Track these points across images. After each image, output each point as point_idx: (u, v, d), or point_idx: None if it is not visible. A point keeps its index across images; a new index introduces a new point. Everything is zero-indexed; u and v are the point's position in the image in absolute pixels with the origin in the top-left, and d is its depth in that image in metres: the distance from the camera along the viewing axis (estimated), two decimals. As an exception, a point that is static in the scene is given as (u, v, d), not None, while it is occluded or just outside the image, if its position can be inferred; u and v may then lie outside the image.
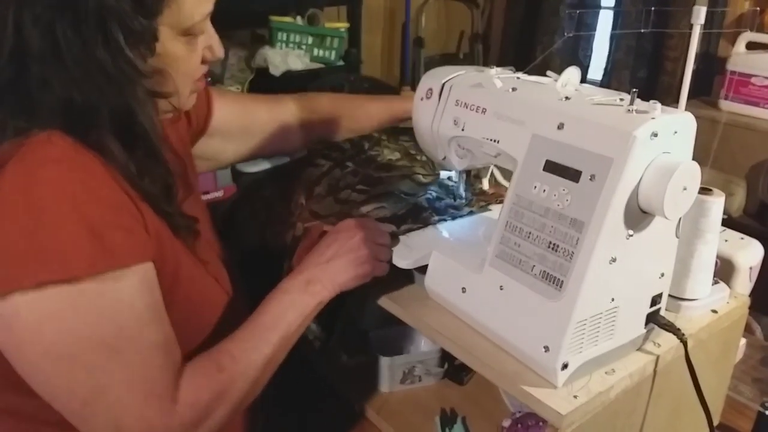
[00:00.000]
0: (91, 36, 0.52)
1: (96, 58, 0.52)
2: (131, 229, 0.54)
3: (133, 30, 0.53)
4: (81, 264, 0.49)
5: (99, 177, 0.53)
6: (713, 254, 0.68)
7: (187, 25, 0.57)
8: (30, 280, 0.48)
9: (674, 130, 0.53)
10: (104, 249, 0.50)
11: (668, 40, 1.89)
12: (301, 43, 1.95)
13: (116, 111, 0.55)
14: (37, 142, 0.51)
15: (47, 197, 0.50)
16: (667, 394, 0.64)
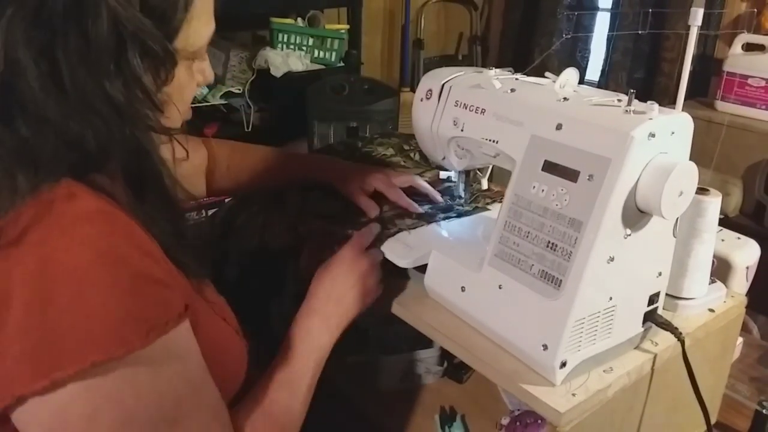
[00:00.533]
0: (100, 61, 0.43)
1: (104, 88, 0.44)
2: (167, 282, 0.48)
3: (153, 53, 0.45)
4: (133, 335, 0.43)
5: (130, 225, 0.46)
6: (710, 254, 0.69)
7: (196, 47, 0.51)
8: (79, 363, 0.40)
9: (671, 130, 0.53)
10: (154, 312, 0.44)
11: (665, 41, 1.90)
12: (302, 44, 1.96)
13: (126, 151, 0.47)
14: (61, 199, 0.43)
15: (87, 263, 0.42)
16: (664, 393, 0.64)
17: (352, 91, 1.85)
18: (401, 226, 0.73)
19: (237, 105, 1.80)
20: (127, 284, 0.43)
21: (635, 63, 2.02)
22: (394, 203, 0.77)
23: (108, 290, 0.42)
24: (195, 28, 0.50)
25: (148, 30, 0.45)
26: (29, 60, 0.42)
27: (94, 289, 0.42)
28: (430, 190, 0.80)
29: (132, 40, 0.44)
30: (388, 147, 0.97)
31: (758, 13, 1.73)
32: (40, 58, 0.42)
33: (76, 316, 0.41)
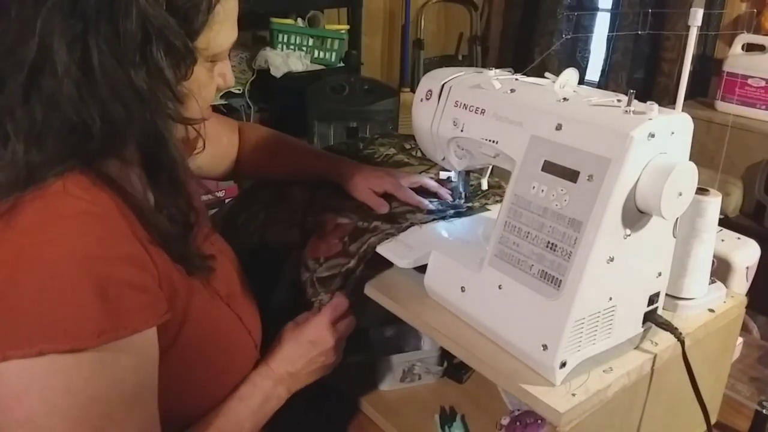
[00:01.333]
0: (129, 52, 0.47)
1: (129, 77, 0.48)
2: (145, 287, 0.50)
3: (176, 50, 0.49)
4: (88, 333, 0.45)
5: (115, 229, 0.50)
6: (710, 254, 0.69)
7: (216, 51, 0.55)
8: (30, 348, 0.44)
9: (671, 130, 0.53)
10: (115, 316, 0.47)
11: (665, 41, 1.90)
12: (302, 44, 1.96)
13: (144, 136, 0.51)
14: (51, 194, 0.47)
15: (58, 259, 0.46)
16: (664, 393, 0.64)
17: (352, 91, 1.85)
18: (413, 220, 0.74)
19: (237, 105, 1.80)
20: (89, 286, 0.46)
21: (635, 63, 2.03)
22: (404, 202, 0.77)
23: (70, 288, 0.45)
24: (216, 32, 0.54)
25: (171, 27, 0.49)
26: (63, 46, 0.46)
27: (57, 285, 0.45)
28: (439, 188, 0.80)
29: (157, 35, 0.48)
30: (390, 147, 0.97)
31: (758, 13, 1.73)
32: (73, 45, 0.46)
33: (37, 305, 0.44)
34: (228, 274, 0.68)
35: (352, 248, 0.71)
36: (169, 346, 0.55)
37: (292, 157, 0.87)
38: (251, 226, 0.84)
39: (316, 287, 0.71)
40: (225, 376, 0.64)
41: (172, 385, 0.56)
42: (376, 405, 0.81)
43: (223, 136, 0.85)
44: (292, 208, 0.82)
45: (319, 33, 1.99)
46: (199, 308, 0.59)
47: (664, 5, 1.88)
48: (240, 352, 0.66)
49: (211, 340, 0.61)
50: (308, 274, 0.73)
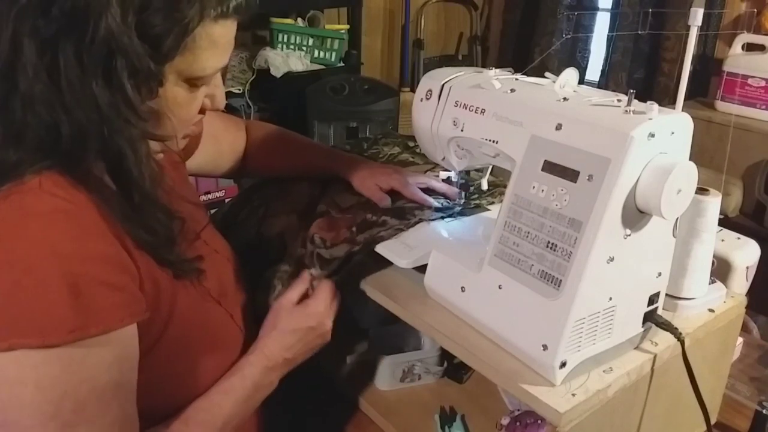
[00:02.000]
0: (93, 65, 0.47)
1: (91, 89, 0.48)
2: (120, 286, 0.50)
3: (139, 71, 0.49)
4: (59, 330, 0.46)
5: (89, 228, 0.50)
6: (710, 254, 0.69)
7: (196, 75, 0.54)
8: (1, 343, 0.45)
9: (671, 130, 0.53)
10: (87, 313, 0.47)
11: (665, 41, 1.90)
12: (302, 44, 1.96)
13: (106, 147, 0.50)
14: (27, 191, 0.48)
15: (31, 255, 0.46)
16: (664, 393, 0.64)
17: (352, 91, 1.85)
18: (421, 216, 0.74)
19: (237, 105, 1.80)
20: (61, 283, 0.46)
21: (635, 63, 2.03)
22: (410, 200, 0.78)
23: (42, 285, 0.46)
24: (197, 56, 0.52)
25: (135, 49, 0.48)
26: (32, 48, 0.47)
27: (29, 281, 0.46)
28: (446, 188, 0.80)
29: (121, 54, 0.48)
30: (394, 146, 0.97)
31: (758, 13, 1.73)
32: (43, 48, 0.47)
33: (8, 301, 0.45)
34: (221, 273, 0.68)
35: (359, 238, 0.72)
36: (154, 344, 0.55)
37: (300, 154, 0.87)
38: (251, 220, 0.84)
39: (314, 261, 0.71)
40: (215, 373, 0.64)
41: (159, 383, 0.56)
42: (376, 405, 0.81)
43: (228, 135, 0.86)
44: (295, 200, 0.82)
45: (319, 33, 1.99)
46: (186, 307, 0.59)
47: (664, 5, 1.88)
48: (231, 350, 0.66)
49: (199, 338, 0.61)
50: (312, 247, 0.73)
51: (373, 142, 1.01)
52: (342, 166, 0.83)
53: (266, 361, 0.65)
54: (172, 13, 0.49)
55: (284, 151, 0.88)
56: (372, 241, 0.71)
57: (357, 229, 0.73)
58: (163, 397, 0.58)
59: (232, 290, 0.69)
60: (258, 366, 0.65)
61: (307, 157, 0.87)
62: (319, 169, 0.85)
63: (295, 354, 0.67)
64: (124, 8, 0.47)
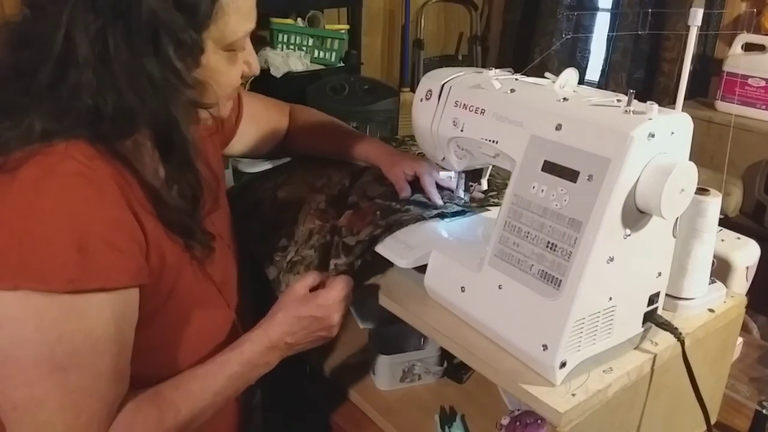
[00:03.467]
0: (142, 45, 0.53)
1: (144, 67, 0.53)
2: (126, 251, 0.54)
3: (182, 42, 0.54)
4: (59, 278, 0.50)
5: (106, 194, 0.54)
6: (710, 254, 0.69)
7: (230, 40, 0.58)
8: (7, 282, 0.50)
9: (671, 130, 0.53)
10: (88, 268, 0.51)
11: (665, 41, 1.90)
12: (302, 44, 1.96)
13: (157, 119, 0.56)
14: (54, 153, 0.53)
15: (47, 208, 0.51)
16: (664, 393, 0.64)
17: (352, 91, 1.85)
18: (443, 210, 0.76)
19: (237, 105, 1.80)
20: (69, 238, 0.51)
21: (635, 63, 2.02)
22: (422, 188, 0.79)
23: (51, 237, 0.51)
24: (226, 22, 0.57)
25: (177, 22, 0.53)
26: (84, 40, 0.51)
27: (40, 232, 0.50)
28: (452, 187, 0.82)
29: (164, 29, 0.53)
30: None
31: (758, 13, 1.73)
32: (95, 39, 0.52)
33: (19, 247, 0.50)
34: (225, 262, 0.70)
35: (381, 222, 0.73)
36: (151, 316, 0.58)
37: (339, 139, 0.92)
38: (269, 183, 0.89)
39: (339, 251, 0.73)
40: (202, 356, 0.64)
41: (149, 354, 0.59)
42: (376, 405, 0.81)
43: (269, 118, 0.91)
44: (315, 176, 0.85)
45: (319, 33, 1.99)
46: (188, 288, 0.62)
47: (664, 5, 1.88)
48: (223, 338, 0.67)
49: (196, 321, 0.64)
50: (338, 239, 0.74)
51: (401, 143, 1.04)
52: (375, 152, 0.87)
53: (267, 341, 0.66)
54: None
55: (324, 135, 0.93)
56: (394, 223, 0.73)
57: (381, 214, 0.75)
58: (151, 367, 0.60)
59: (231, 281, 0.70)
60: (258, 345, 0.65)
61: (345, 142, 0.91)
62: (353, 153, 0.90)
63: (297, 340, 0.67)
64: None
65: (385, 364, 0.83)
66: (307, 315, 0.67)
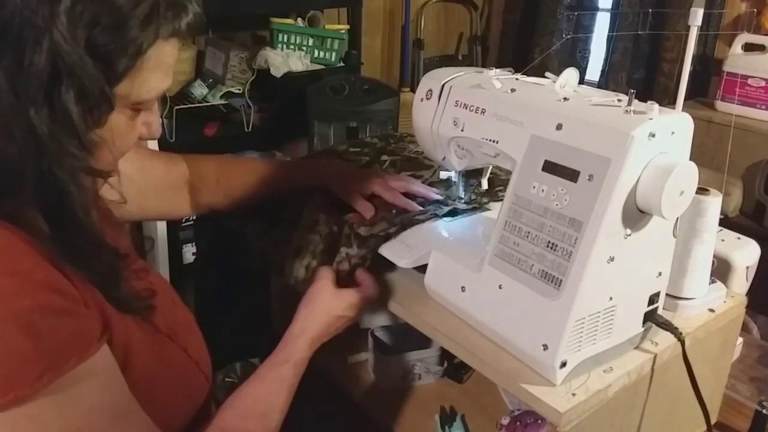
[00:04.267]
0: (32, 89, 0.42)
1: (29, 117, 0.42)
2: (75, 311, 0.45)
3: (89, 94, 0.44)
4: (25, 378, 0.41)
5: (21, 258, 0.44)
6: (710, 254, 0.69)
7: (142, 98, 0.49)
8: None
9: (671, 130, 0.53)
10: (50, 352, 0.42)
11: (665, 41, 1.90)
12: (302, 44, 1.96)
13: (43, 188, 0.44)
14: None
15: None
16: (664, 393, 0.64)
17: (352, 91, 1.84)
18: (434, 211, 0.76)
19: (237, 105, 1.80)
20: (13, 329, 0.41)
21: (635, 63, 2.02)
22: (391, 205, 0.77)
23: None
24: (145, 79, 0.48)
25: (87, 69, 0.43)
26: None
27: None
28: (424, 191, 0.80)
29: (68, 74, 0.43)
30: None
31: (758, 13, 1.72)
32: None
33: None
34: (165, 308, 0.61)
35: (396, 219, 0.74)
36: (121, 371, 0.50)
37: (269, 174, 0.80)
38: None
39: (351, 241, 0.72)
40: (174, 408, 0.58)
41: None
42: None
43: (170, 174, 0.78)
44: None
45: (319, 33, 1.99)
46: (141, 341, 0.53)
47: (664, 5, 1.88)
48: (190, 383, 0.61)
49: (162, 372, 0.56)
50: (348, 230, 0.73)
51: (399, 139, 1.03)
52: (319, 176, 0.79)
53: (312, 344, 0.65)
54: (126, 31, 0.44)
55: (247, 178, 0.79)
56: (408, 222, 0.73)
57: (396, 212, 0.75)
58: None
59: (181, 324, 0.63)
60: (306, 351, 0.64)
61: (279, 174, 0.80)
62: (296, 183, 0.80)
63: (328, 336, 0.67)
64: (73, 22, 0.42)
65: (385, 364, 0.83)
66: (343, 315, 0.66)
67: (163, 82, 0.50)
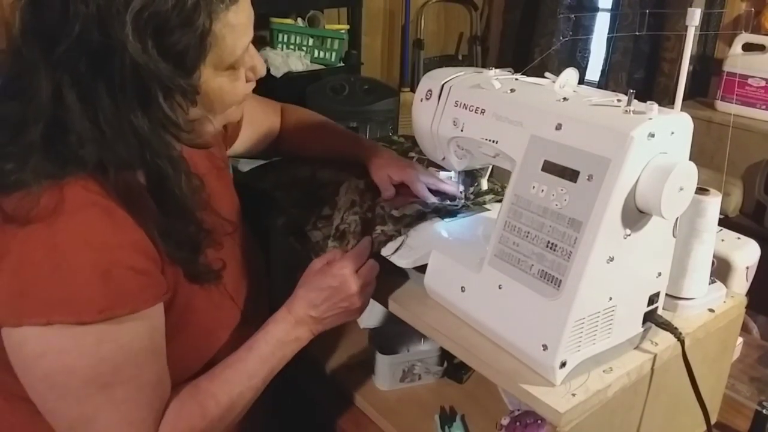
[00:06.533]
0: (127, 99, 0.52)
1: (130, 121, 0.53)
2: (148, 271, 0.56)
3: (173, 89, 0.53)
4: (89, 310, 0.52)
5: (120, 219, 0.55)
6: (710, 254, 0.69)
7: (230, 61, 0.57)
8: (41, 318, 0.51)
9: (671, 130, 0.53)
10: (116, 295, 0.53)
11: (665, 41, 1.90)
12: (302, 44, 1.96)
13: (149, 173, 0.57)
14: (65, 188, 0.53)
15: (67, 243, 0.52)
16: (664, 393, 0.64)
17: (352, 91, 1.85)
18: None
19: (237, 105, 1.80)
20: (93, 270, 0.52)
21: (635, 63, 2.02)
22: (414, 196, 0.79)
23: (77, 270, 0.52)
24: (224, 46, 0.55)
25: (163, 73, 0.52)
26: (73, 98, 0.52)
27: (65, 266, 0.52)
28: (453, 189, 0.81)
29: (151, 80, 0.52)
30: None
31: (758, 13, 1.72)
32: (82, 96, 0.52)
33: (47, 283, 0.51)
34: (235, 274, 0.71)
35: (430, 201, 0.76)
36: (172, 330, 0.59)
37: (328, 139, 0.92)
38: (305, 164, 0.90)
39: (385, 220, 0.74)
40: (222, 352, 0.66)
41: (172, 367, 0.60)
42: (376, 405, 0.81)
43: (266, 119, 0.91)
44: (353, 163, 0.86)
45: (319, 33, 1.99)
46: (203, 302, 0.64)
47: (664, 5, 1.88)
48: (232, 330, 0.68)
49: (207, 323, 0.65)
50: (381, 210, 0.76)
51: (396, 143, 1.04)
52: (364, 152, 0.87)
53: (290, 317, 0.67)
54: (186, 26, 0.51)
55: (315, 135, 0.92)
56: (441, 208, 0.75)
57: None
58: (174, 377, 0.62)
59: (235, 273, 0.71)
60: (282, 322, 0.67)
61: (334, 142, 0.91)
62: (344, 153, 0.89)
63: (322, 314, 0.67)
64: (142, 38, 0.50)
65: (385, 364, 0.83)
66: (326, 286, 0.67)
67: (242, 39, 0.57)
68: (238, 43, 0.57)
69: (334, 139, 0.91)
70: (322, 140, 0.92)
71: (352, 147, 0.89)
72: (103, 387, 0.54)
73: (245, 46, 0.58)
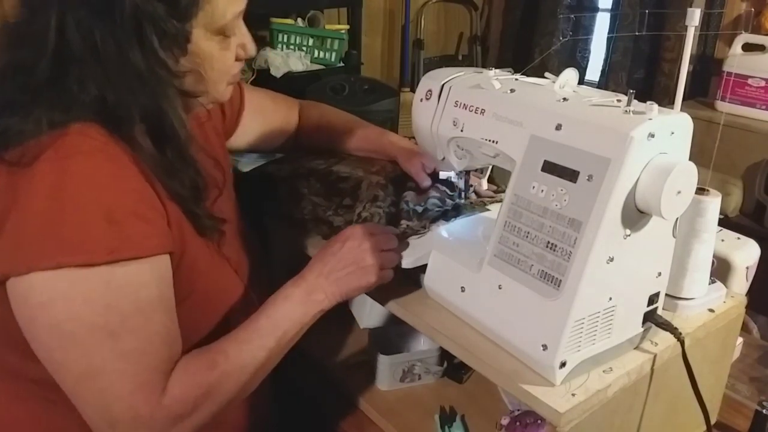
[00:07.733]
0: (127, 39, 0.55)
1: (130, 60, 0.55)
2: (152, 220, 0.57)
3: (166, 32, 0.56)
4: (98, 250, 0.53)
5: (127, 168, 0.57)
6: (710, 254, 0.69)
7: (219, 24, 0.60)
8: (49, 262, 0.52)
9: (671, 130, 0.53)
10: (122, 237, 0.54)
11: (665, 41, 1.90)
12: (302, 44, 1.96)
13: (147, 110, 0.58)
14: (72, 134, 0.55)
15: (73, 186, 0.53)
16: (664, 393, 0.64)
17: (352, 91, 1.84)
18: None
19: (237, 105, 1.80)
20: (98, 211, 0.54)
21: (635, 63, 2.02)
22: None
23: (82, 212, 0.53)
24: (215, 6, 0.59)
25: (158, 14, 0.55)
26: (77, 38, 0.54)
27: (71, 209, 0.53)
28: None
29: (148, 21, 0.55)
30: None
31: (758, 13, 1.73)
32: (84, 36, 0.55)
33: (54, 226, 0.52)
34: (237, 245, 0.73)
35: (449, 201, 0.76)
36: (181, 295, 0.60)
37: (352, 133, 0.92)
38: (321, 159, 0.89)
39: (410, 215, 0.75)
40: (224, 324, 0.66)
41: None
42: (376, 405, 0.81)
43: (277, 113, 0.92)
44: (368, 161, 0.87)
45: (319, 33, 1.99)
46: (207, 268, 0.65)
47: (664, 5, 1.88)
48: (236, 301, 0.69)
49: (213, 292, 0.66)
50: (405, 206, 0.76)
51: None
52: (392, 147, 0.87)
53: (304, 282, 0.65)
54: None
55: (336, 131, 0.92)
56: (459, 206, 0.76)
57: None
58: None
59: (246, 263, 0.72)
60: (295, 287, 0.65)
61: (359, 135, 0.91)
62: (370, 147, 0.90)
63: (330, 270, 0.65)
64: None
65: (385, 364, 0.83)
66: (334, 245, 0.66)
67: (233, 6, 0.60)
68: (228, 7, 0.60)
69: (359, 134, 0.91)
70: (346, 136, 0.91)
71: (379, 142, 0.88)
72: (109, 336, 0.53)
73: (235, 13, 0.61)
